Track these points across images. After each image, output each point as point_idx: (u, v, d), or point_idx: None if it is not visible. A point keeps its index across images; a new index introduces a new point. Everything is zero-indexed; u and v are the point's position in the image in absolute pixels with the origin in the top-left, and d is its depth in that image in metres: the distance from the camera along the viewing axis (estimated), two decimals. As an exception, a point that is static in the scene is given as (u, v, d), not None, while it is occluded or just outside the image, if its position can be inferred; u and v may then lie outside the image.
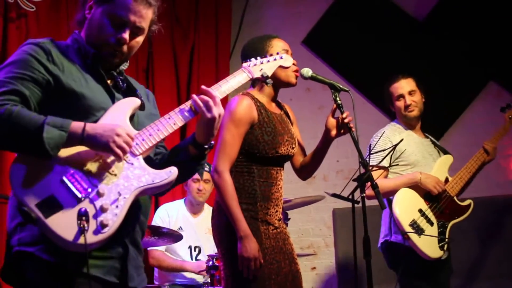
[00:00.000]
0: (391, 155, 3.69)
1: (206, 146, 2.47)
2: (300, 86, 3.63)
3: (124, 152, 2.23)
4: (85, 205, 2.17)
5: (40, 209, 2.13)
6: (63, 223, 2.13)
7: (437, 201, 4.08)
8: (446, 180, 4.18)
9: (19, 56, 2.32)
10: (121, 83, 2.47)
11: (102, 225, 2.17)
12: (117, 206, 2.20)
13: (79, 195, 2.18)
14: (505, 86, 5.96)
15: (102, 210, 2.18)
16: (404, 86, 4.29)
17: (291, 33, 6.46)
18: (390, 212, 4.01)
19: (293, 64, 3.39)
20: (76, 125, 2.20)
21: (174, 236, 4.57)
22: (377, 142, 4.10)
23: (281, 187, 3.41)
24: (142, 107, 2.43)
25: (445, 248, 4.00)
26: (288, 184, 5.07)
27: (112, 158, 2.25)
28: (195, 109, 2.41)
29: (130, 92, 2.48)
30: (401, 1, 6.35)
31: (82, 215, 2.13)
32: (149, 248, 4.93)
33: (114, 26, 2.37)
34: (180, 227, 5.05)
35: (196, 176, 5.07)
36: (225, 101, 5.02)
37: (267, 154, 3.32)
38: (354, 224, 3.33)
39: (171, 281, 5.02)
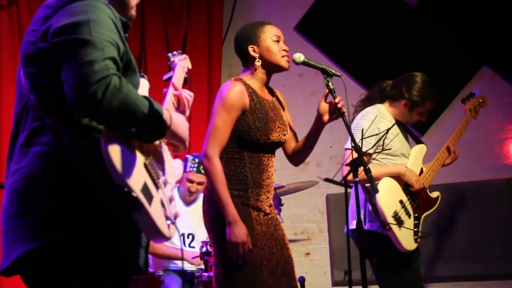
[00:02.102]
0: (384, 140, 3.66)
1: None
2: (293, 72, 3.63)
3: None
4: (161, 195, 2.03)
5: (144, 196, 1.91)
6: (158, 214, 1.95)
7: (415, 193, 4.05)
8: (421, 171, 4.15)
9: (96, 15, 1.97)
10: None
11: (175, 217, 2.08)
12: (174, 198, 2.15)
13: (159, 184, 2.03)
14: (498, 70, 5.97)
15: (171, 201, 2.09)
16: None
17: (283, 19, 6.47)
18: (366, 200, 3.91)
19: (284, 50, 3.41)
20: (165, 113, 2.02)
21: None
22: (369, 127, 4.03)
23: (272, 174, 3.41)
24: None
25: (418, 240, 3.98)
26: (282, 170, 5.11)
27: (164, 147, 2.16)
28: (178, 104, 2.38)
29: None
30: (394, -14, 6.35)
31: (164, 207, 2.00)
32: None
33: None
34: (174, 214, 5.06)
35: (191, 176, 5.09)
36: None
37: (258, 140, 3.32)
38: (347, 208, 3.34)
39: (165, 267, 5.04)
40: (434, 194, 4.13)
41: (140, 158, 1.98)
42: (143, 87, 2.23)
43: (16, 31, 4.86)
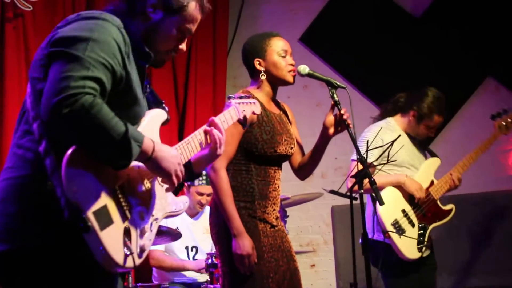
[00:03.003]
0: (389, 151, 3.65)
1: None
2: (298, 83, 3.62)
3: (179, 182, 2.13)
4: (129, 224, 2.00)
5: (96, 219, 1.87)
6: (113, 241, 1.92)
7: (420, 203, 4.04)
8: (432, 183, 4.15)
9: (101, 35, 1.96)
10: (147, 88, 2.28)
11: (142, 250, 2.04)
12: (151, 230, 2.11)
13: (128, 214, 2.00)
14: (503, 81, 5.97)
15: (142, 233, 2.05)
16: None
17: (288, 30, 6.46)
18: (373, 210, 3.95)
19: (291, 64, 3.39)
20: (147, 143, 1.99)
21: (173, 235, 4.56)
22: (373, 139, 4.02)
23: (278, 186, 3.41)
24: (165, 123, 2.28)
25: (423, 250, 3.98)
26: (287, 182, 5.08)
27: (154, 181, 2.12)
28: (206, 142, 2.36)
29: (155, 101, 2.31)
30: (398, -3, 6.36)
31: (129, 236, 1.98)
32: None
33: (180, 38, 2.27)
34: (177, 227, 5.04)
35: (201, 189, 5.07)
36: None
37: (265, 153, 3.32)
38: (352, 220, 3.33)
39: (170, 279, 5.02)
40: (448, 207, 4.14)
41: (107, 182, 1.95)
42: (156, 117, 2.21)
43: (22, 43, 4.87)
